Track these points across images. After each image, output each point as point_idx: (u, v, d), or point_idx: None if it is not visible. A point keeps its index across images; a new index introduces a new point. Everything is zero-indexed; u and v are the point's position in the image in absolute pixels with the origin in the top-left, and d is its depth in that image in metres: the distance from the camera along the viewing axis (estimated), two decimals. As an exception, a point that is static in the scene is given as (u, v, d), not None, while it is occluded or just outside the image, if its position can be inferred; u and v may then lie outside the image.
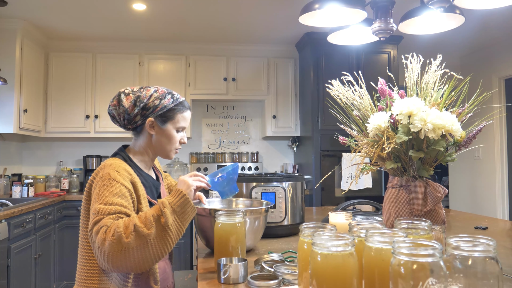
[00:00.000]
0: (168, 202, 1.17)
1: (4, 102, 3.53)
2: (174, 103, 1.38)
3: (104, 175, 1.23)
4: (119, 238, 1.08)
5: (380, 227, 0.96)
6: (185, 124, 1.42)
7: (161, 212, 1.14)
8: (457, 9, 1.60)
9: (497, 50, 4.53)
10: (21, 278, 2.92)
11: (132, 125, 1.38)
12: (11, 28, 3.56)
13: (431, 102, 1.26)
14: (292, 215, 1.76)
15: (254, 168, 4.59)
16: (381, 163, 1.29)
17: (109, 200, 1.17)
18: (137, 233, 1.09)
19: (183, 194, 1.20)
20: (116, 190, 1.19)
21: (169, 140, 1.39)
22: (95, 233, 1.12)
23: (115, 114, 1.37)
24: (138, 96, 1.35)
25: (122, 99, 1.35)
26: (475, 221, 2.16)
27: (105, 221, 1.12)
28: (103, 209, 1.14)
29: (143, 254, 1.10)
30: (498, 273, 0.68)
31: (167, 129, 1.37)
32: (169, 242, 1.14)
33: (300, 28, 3.89)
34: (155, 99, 1.35)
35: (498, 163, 4.52)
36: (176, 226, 1.16)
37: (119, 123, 1.39)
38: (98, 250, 1.10)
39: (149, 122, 1.36)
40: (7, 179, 3.89)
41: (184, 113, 1.41)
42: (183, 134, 1.44)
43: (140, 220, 1.12)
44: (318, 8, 1.57)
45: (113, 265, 1.10)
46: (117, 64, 4.26)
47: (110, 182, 1.20)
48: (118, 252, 1.08)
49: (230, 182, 1.40)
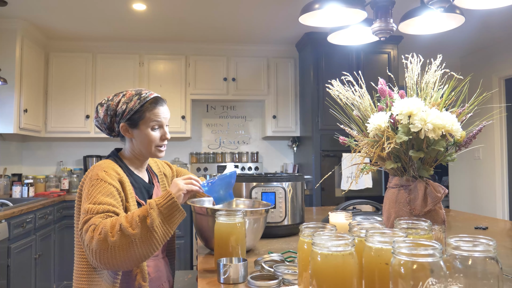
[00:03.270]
0: (156, 204, 1.17)
1: (4, 102, 3.53)
2: (140, 103, 1.37)
3: (93, 175, 1.27)
4: (105, 236, 1.10)
5: (380, 227, 0.96)
6: (160, 120, 1.39)
7: (147, 213, 1.14)
8: (457, 9, 1.60)
9: (497, 50, 4.53)
10: (21, 278, 2.92)
11: (114, 133, 1.43)
12: (11, 28, 3.56)
13: (431, 102, 1.26)
14: (292, 215, 1.76)
15: (254, 168, 4.59)
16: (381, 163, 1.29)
17: (98, 200, 1.20)
18: (122, 233, 1.11)
19: (171, 197, 1.19)
20: (105, 190, 1.22)
21: (147, 140, 1.38)
22: (84, 232, 1.15)
23: (98, 126, 1.44)
24: (108, 105, 1.39)
25: (98, 111, 1.41)
26: (475, 221, 2.16)
27: (93, 220, 1.15)
28: (92, 209, 1.18)
29: (128, 254, 1.11)
30: (498, 273, 0.68)
31: (140, 130, 1.38)
32: (154, 243, 1.14)
33: (300, 28, 3.89)
34: (122, 104, 1.37)
35: (498, 163, 4.52)
36: (162, 228, 1.15)
37: (105, 133, 1.45)
38: (87, 248, 1.14)
39: (122, 127, 1.39)
40: (7, 179, 3.89)
41: (154, 110, 1.38)
42: (163, 130, 1.42)
43: (126, 220, 1.14)
44: (318, 8, 1.57)
45: (101, 263, 1.13)
46: (117, 64, 4.26)
47: (98, 182, 1.24)
48: (104, 250, 1.10)
49: (227, 189, 1.37)
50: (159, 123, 1.40)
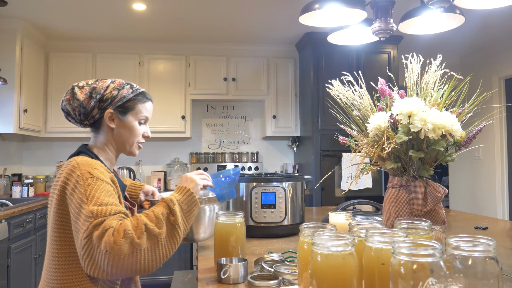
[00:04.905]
0: (176, 200, 1.13)
1: (4, 102, 3.53)
2: (133, 93, 1.31)
3: (84, 173, 1.11)
4: (131, 239, 1.00)
5: (380, 227, 0.96)
6: (148, 115, 1.35)
7: (170, 210, 1.10)
8: (457, 9, 1.60)
9: (497, 50, 4.53)
10: (21, 278, 2.92)
11: (89, 120, 1.28)
12: (11, 28, 3.56)
13: (431, 102, 1.26)
14: (292, 215, 1.76)
15: (254, 168, 4.59)
16: (381, 163, 1.29)
17: (103, 200, 1.07)
18: (149, 233, 1.03)
19: (190, 192, 1.16)
20: (105, 189, 1.10)
21: (131, 133, 1.30)
22: (97, 238, 1.00)
23: (69, 110, 1.27)
24: (93, 88, 1.26)
25: (76, 92, 1.25)
26: (475, 221, 2.16)
27: (108, 223, 1.02)
28: (100, 211, 1.04)
29: (153, 255, 1.03)
30: (498, 273, 0.68)
31: (128, 120, 1.29)
32: (177, 240, 1.09)
33: (300, 28, 3.89)
34: (113, 90, 1.27)
35: (498, 163, 4.52)
36: (184, 225, 1.12)
37: (74, 119, 1.28)
38: (104, 255, 0.99)
39: (107, 113, 1.26)
40: (7, 179, 3.89)
41: (145, 103, 1.33)
42: (146, 127, 1.36)
43: (150, 219, 1.06)
44: (318, 8, 1.57)
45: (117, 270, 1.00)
46: (117, 64, 4.26)
47: (95, 181, 1.10)
48: (129, 254, 1.00)
49: (231, 186, 1.38)
50: (146, 118, 1.35)
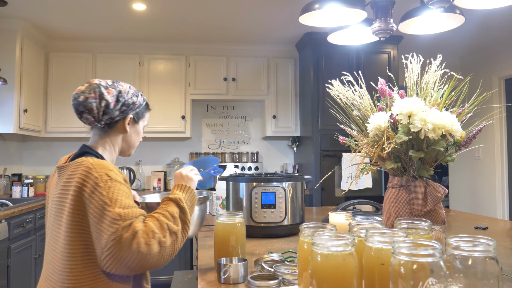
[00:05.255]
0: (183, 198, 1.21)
1: (4, 102, 3.53)
2: (145, 101, 1.40)
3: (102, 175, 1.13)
4: (158, 239, 1.09)
5: (380, 227, 0.96)
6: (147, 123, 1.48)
7: (180, 208, 1.18)
8: (457, 9, 1.60)
9: (497, 50, 4.53)
10: (21, 278, 2.92)
11: (107, 121, 1.28)
12: (11, 28, 3.56)
13: (431, 102, 1.26)
14: (292, 215, 1.76)
15: (254, 168, 4.59)
16: (381, 163, 1.29)
17: (126, 203, 1.11)
18: (170, 232, 1.12)
19: (191, 189, 1.25)
20: (124, 192, 1.14)
21: (138, 138, 1.41)
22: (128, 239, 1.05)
23: (93, 108, 1.24)
24: (119, 91, 1.28)
25: (103, 92, 1.25)
26: (475, 221, 2.16)
27: (136, 225, 1.07)
28: (126, 213, 1.09)
29: (172, 250, 1.12)
30: (498, 273, 0.68)
31: (139, 126, 1.39)
32: (187, 235, 1.19)
33: (300, 28, 3.89)
34: (132, 96, 1.32)
35: (498, 163, 4.52)
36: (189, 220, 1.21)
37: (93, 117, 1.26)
38: (136, 255, 1.05)
39: (129, 118, 1.32)
40: (7, 179, 3.89)
41: (149, 112, 1.45)
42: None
43: (168, 218, 1.15)
44: (318, 8, 1.57)
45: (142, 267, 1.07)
46: (117, 64, 4.26)
47: (114, 184, 1.13)
48: (157, 253, 1.08)
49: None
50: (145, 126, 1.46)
